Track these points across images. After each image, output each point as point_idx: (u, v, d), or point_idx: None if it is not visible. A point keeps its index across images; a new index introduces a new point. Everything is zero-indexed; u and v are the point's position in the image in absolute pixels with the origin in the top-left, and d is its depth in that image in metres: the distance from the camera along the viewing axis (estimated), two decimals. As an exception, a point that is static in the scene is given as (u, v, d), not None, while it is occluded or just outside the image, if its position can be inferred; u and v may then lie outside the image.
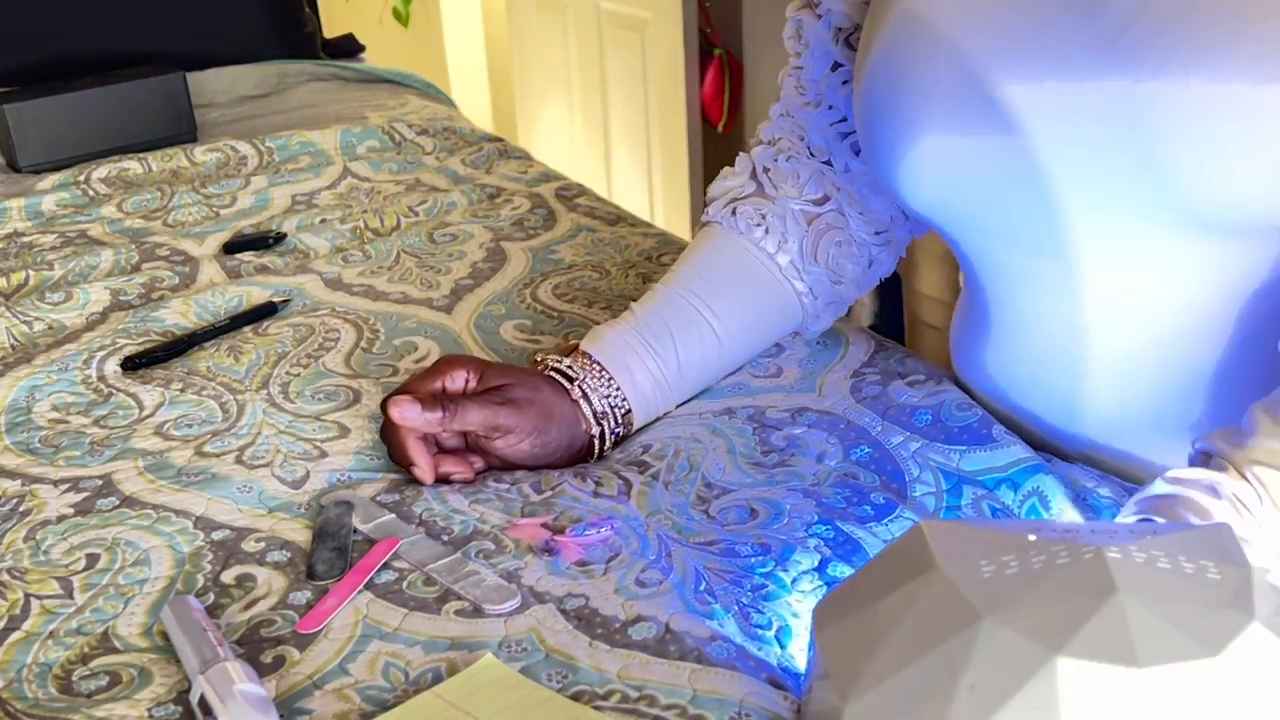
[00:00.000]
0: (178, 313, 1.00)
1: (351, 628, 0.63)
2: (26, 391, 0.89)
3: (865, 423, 0.79)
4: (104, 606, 0.66)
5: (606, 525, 0.69)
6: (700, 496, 0.73)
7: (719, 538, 0.69)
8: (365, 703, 0.58)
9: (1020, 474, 0.73)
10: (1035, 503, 0.71)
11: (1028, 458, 0.74)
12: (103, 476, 0.78)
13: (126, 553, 0.70)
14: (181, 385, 0.89)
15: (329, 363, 0.91)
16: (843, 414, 0.81)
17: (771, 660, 0.59)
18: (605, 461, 0.79)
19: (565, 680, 0.58)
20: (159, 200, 1.26)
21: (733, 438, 0.79)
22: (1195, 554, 0.51)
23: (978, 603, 0.49)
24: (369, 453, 0.80)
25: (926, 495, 0.73)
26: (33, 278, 1.08)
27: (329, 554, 0.68)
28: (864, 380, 0.84)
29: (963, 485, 0.73)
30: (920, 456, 0.75)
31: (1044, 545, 0.52)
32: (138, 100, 1.44)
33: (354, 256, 1.11)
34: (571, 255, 1.09)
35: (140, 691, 0.59)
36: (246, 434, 0.82)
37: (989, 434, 0.76)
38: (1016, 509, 0.71)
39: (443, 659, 0.60)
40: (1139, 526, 0.55)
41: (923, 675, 0.48)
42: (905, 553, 0.56)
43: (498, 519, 0.71)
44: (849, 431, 0.78)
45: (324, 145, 1.40)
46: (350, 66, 1.76)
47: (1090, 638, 0.46)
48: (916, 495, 0.73)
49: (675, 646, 0.60)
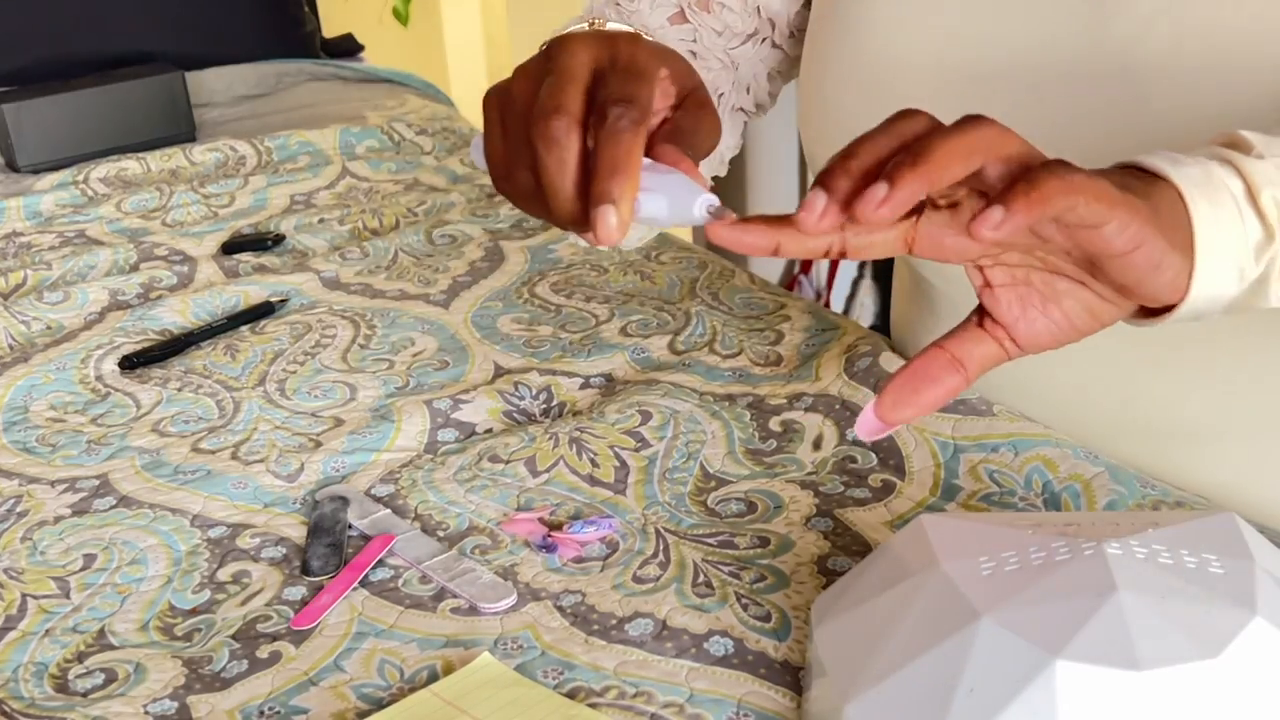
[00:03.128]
0: (176, 312, 1.00)
1: (347, 625, 0.62)
2: (24, 391, 0.89)
3: (859, 399, 0.79)
4: (100, 605, 0.65)
5: (605, 526, 0.68)
6: (699, 487, 0.73)
7: (717, 531, 0.68)
8: (361, 700, 0.58)
9: (1023, 442, 0.73)
10: (1040, 464, 0.71)
11: (1030, 428, 0.74)
12: (99, 476, 0.77)
13: (123, 552, 0.70)
14: (179, 384, 0.89)
15: (326, 359, 0.91)
16: (837, 394, 0.81)
17: (770, 655, 0.59)
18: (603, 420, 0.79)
19: (562, 677, 0.58)
20: (158, 200, 1.26)
21: (731, 423, 0.79)
22: (1197, 547, 0.51)
23: (976, 601, 0.49)
24: (364, 435, 0.79)
25: (925, 469, 0.72)
26: (31, 277, 1.08)
27: (324, 550, 0.68)
28: (856, 354, 0.84)
29: (960, 454, 0.73)
30: (915, 430, 0.75)
31: (1044, 541, 0.52)
32: (136, 100, 1.44)
33: (352, 256, 1.10)
34: (570, 254, 1.08)
35: (135, 689, 0.59)
36: (242, 430, 0.82)
37: (988, 409, 0.76)
38: (1017, 473, 0.71)
39: (438, 656, 0.60)
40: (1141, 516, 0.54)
41: (922, 675, 0.48)
42: (904, 548, 0.56)
43: (493, 512, 0.71)
44: (844, 412, 0.78)
45: (323, 145, 1.40)
46: (349, 66, 1.76)
47: (1089, 639, 0.46)
48: (915, 470, 0.72)
49: (672, 643, 0.60)
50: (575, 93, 0.53)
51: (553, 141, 0.51)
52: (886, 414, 0.52)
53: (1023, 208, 0.44)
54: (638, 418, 0.79)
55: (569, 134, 0.51)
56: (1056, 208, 0.45)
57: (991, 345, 0.52)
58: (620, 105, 0.51)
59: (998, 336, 0.52)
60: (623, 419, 0.79)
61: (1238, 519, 0.53)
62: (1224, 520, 0.53)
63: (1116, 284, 0.50)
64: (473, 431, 0.81)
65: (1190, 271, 0.50)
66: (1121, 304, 0.52)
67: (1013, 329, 0.52)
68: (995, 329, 0.52)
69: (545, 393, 0.84)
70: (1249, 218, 0.51)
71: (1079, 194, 0.45)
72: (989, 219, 0.44)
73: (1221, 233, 0.50)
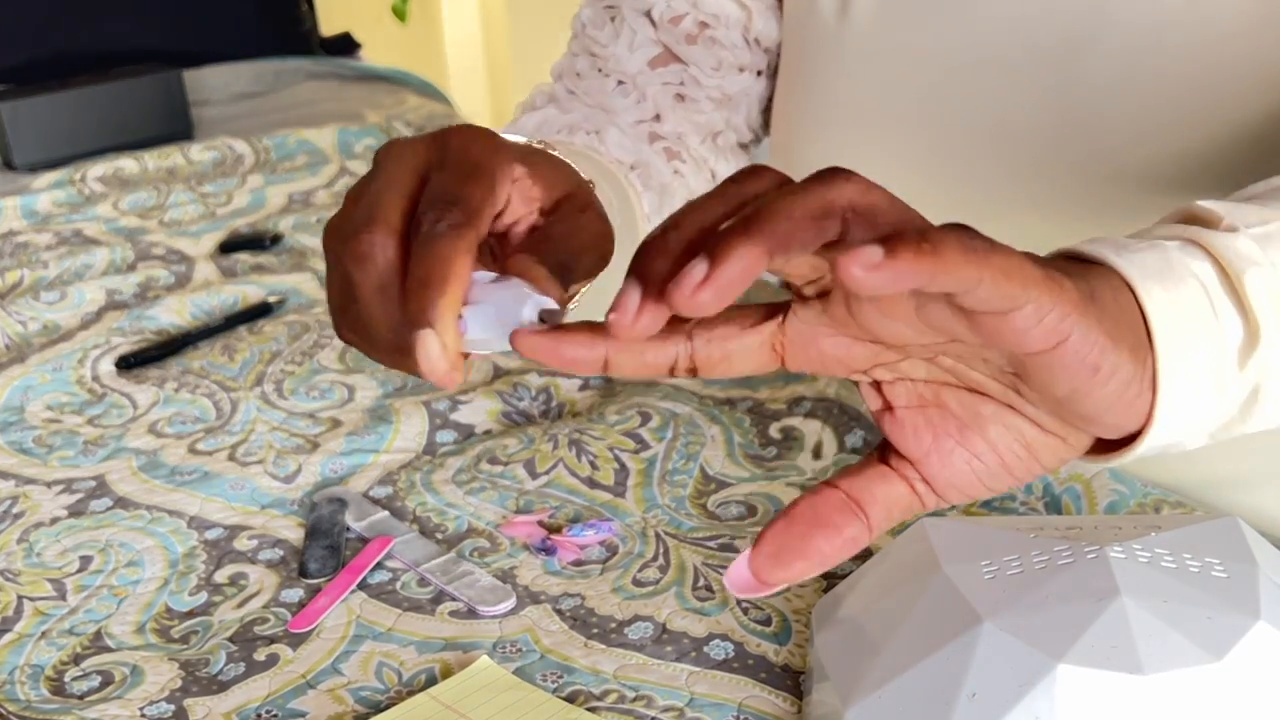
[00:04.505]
0: (173, 312, 0.99)
1: (345, 628, 0.62)
2: (20, 391, 0.88)
3: (855, 401, 0.79)
4: (97, 607, 0.65)
5: (605, 529, 0.68)
6: (699, 490, 0.73)
7: (717, 534, 0.68)
8: (359, 704, 0.57)
9: None
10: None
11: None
12: (96, 477, 0.77)
13: (120, 554, 0.69)
14: (176, 384, 0.88)
15: (324, 360, 0.91)
16: (835, 396, 0.80)
17: (771, 659, 0.59)
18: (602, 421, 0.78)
19: (561, 681, 0.58)
20: (155, 199, 1.26)
21: (731, 428, 0.79)
22: (1200, 551, 0.50)
23: (978, 605, 0.49)
24: (362, 436, 0.79)
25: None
26: (28, 277, 1.08)
27: (321, 552, 0.68)
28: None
29: None
30: None
31: (1046, 544, 0.51)
32: (134, 98, 1.44)
33: (350, 254, 1.10)
34: (569, 253, 1.08)
35: (132, 691, 0.59)
36: (239, 431, 0.81)
37: None
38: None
39: (437, 660, 0.60)
40: (1144, 520, 0.54)
41: (924, 679, 0.48)
42: (906, 551, 0.55)
43: (492, 514, 0.71)
44: (842, 416, 0.78)
45: (321, 144, 1.40)
46: (347, 64, 1.76)
47: (1092, 644, 0.46)
48: None
49: (672, 646, 0.59)
50: (393, 201, 0.43)
51: (361, 258, 0.42)
52: (764, 570, 0.40)
53: (910, 259, 0.32)
54: (637, 419, 0.79)
55: (383, 249, 0.42)
56: (955, 278, 0.33)
57: (899, 486, 0.41)
58: (439, 208, 0.41)
59: (906, 475, 0.41)
60: (622, 420, 0.79)
61: (1240, 523, 0.53)
62: (1227, 524, 0.53)
63: (1050, 401, 0.39)
64: (471, 432, 0.80)
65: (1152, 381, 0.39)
66: (1068, 435, 0.40)
67: (923, 465, 0.41)
68: (902, 465, 0.41)
69: (544, 394, 0.84)
70: (1225, 311, 0.40)
71: (984, 267, 0.33)
72: (862, 256, 0.31)
73: (1188, 329, 0.39)
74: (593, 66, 0.78)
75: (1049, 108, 0.67)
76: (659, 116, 0.78)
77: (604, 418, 0.79)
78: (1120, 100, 0.64)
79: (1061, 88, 0.66)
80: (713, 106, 0.79)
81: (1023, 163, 0.68)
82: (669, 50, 0.77)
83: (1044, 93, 0.67)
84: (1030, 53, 0.67)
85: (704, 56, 0.77)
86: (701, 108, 0.78)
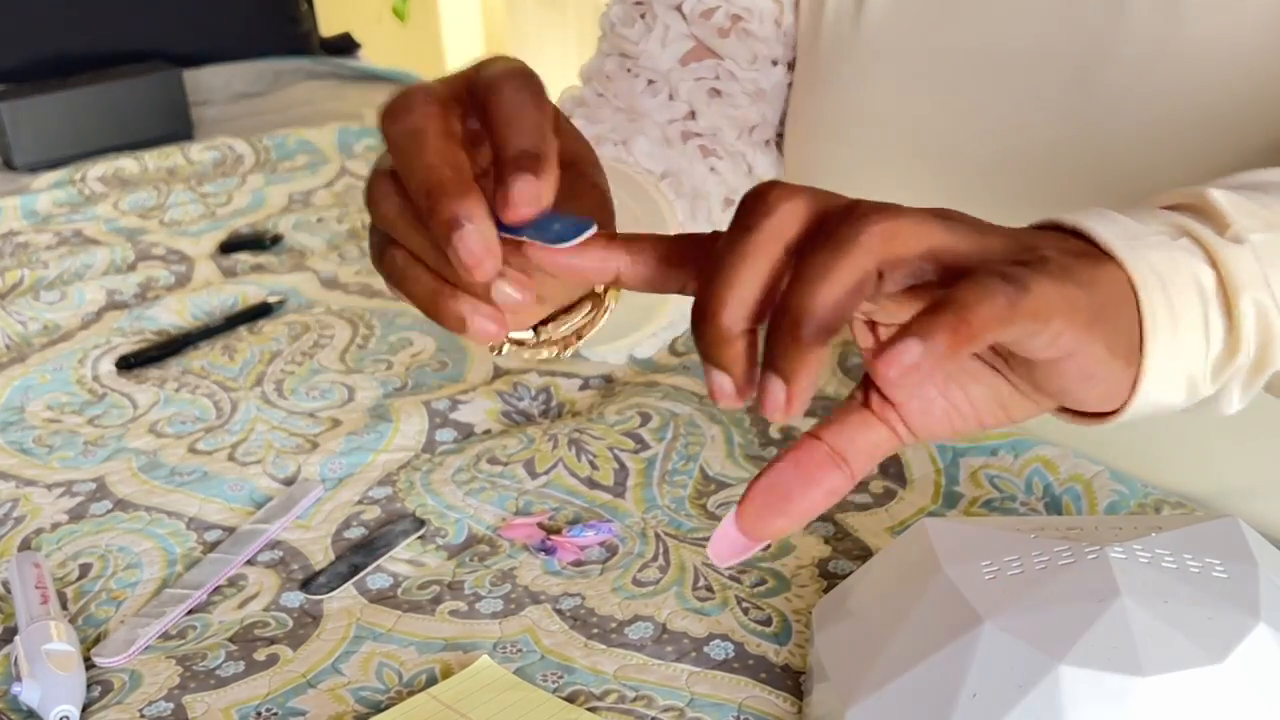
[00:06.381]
0: (173, 312, 0.99)
1: (345, 628, 0.62)
2: (21, 391, 0.88)
3: None
4: (96, 613, 0.65)
5: (604, 530, 0.68)
6: (698, 490, 0.72)
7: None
8: (359, 703, 0.57)
9: (1022, 443, 0.72)
10: (1039, 466, 0.71)
11: (1029, 434, 0.73)
12: (96, 479, 0.77)
13: (119, 558, 0.69)
14: (176, 384, 0.88)
15: (323, 359, 0.91)
16: (834, 394, 0.80)
17: (771, 659, 0.59)
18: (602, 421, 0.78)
19: (561, 681, 0.58)
20: (155, 199, 1.26)
21: (731, 428, 0.78)
22: (1201, 552, 0.50)
23: (979, 605, 0.48)
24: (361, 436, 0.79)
25: (925, 477, 0.72)
26: (28, 277, 1.08)
27: (344, 569, 0.66)
28: (850, 350, 0.84)
29: (959, 459, 0.72)
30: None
31: (1046, 545, 0.51)
32: (134, 98, 1.44)
33: (350, 255, 1.10)
34: (569, 253, 1.08)
35: (131, 695, 0.59)
36: (239, 431, 0.81)
37: None
38: (1017, 476, 0.71)
39: (437, 659, 0.60)
40: (1144, 520, 0.54)
41: (924, 680, 0.48)
42: (907, 551, 0.55)
43: (492, 516, 0.71)
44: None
45: (321, 143, 1.40)
46: (347, 64, 1.76)
47: (1093, 644, 0.46)
48: (915, 477, 0.72)
49: (673, 647, 0.59)
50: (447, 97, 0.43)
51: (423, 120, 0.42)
52: (751, 527, 0.41)
53: (947, 341, 0.34)
54: (637, 419, 0.79)
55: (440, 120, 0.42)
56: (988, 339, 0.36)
57: (880, 431, 0.42)
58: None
59: (888, 419, 0.42)
60: (622, 420, 0.79)
61: (1241, 523, 0.53)
62: (1227, 525, 0.52)
63: (1037, 384, 0.42)
64: (471, 432, 0.80)
65: (1133, 383, 0.42)
66: (1041, 402, 0.43)
67: (904, 408, 0.42)
68: (884, 409, 0.42)
69: (544, 393, 0.84)
70: (1215, 324, 0.43)
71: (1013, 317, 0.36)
72: (901, 356, 0.34)
73: (1179, 344, 0.42)
74: (622, 67, 0.78)
75: (1064, 112, 0.67)
76: (693, 113, 0.77)
77: (604, 418, 0.79)
78: (1136, 107, 0.64)
79: (1077, 93, 0.66)
80: (748, 100, 0.78)
81: (1037, 167, 0.68)
82: (702, 44, 0.76)
83: (1060, 97, 0.67)
84: (1046, 57, 0.67)
85: (738, 49, 0.76)
86: (737, 102, 0.77)
